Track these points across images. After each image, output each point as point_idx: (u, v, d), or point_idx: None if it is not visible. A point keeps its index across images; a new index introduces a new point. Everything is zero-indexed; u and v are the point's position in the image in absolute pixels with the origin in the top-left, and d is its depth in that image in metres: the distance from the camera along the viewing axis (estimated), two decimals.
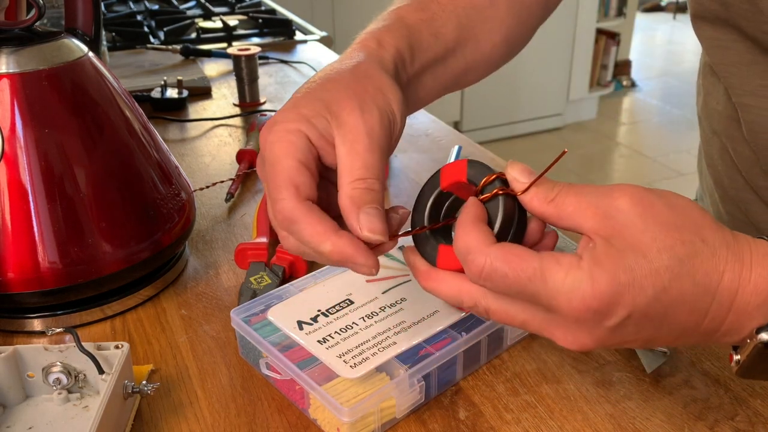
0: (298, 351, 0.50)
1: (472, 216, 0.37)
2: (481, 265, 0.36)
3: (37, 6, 0.58)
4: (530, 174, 0.38)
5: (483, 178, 0.39)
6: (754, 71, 0.55)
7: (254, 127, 0.96)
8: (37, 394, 0.51)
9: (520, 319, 0.38)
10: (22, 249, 0.55)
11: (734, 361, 0.37)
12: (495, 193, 0.38)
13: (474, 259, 0.36)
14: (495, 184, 0.39)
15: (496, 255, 0.35)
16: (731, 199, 0.65)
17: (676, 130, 3.69)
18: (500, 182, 0.39)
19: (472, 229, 0.37)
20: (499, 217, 0.38)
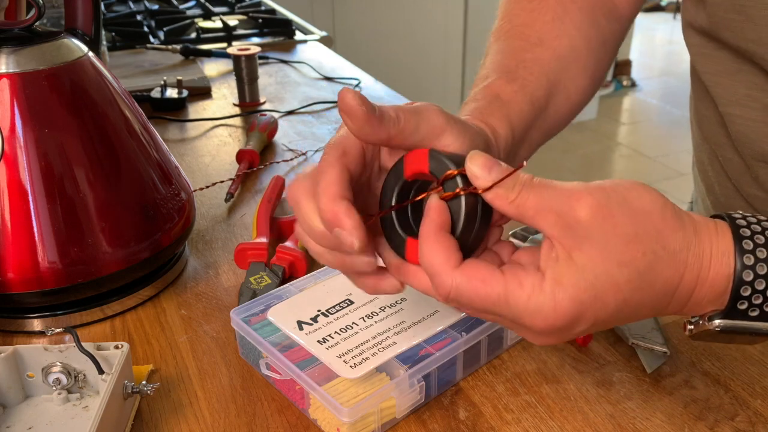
0: (298, 351, 0.50)
1: (435, 224, 0.37)
2: (447, 289, 0.36)
3: (37, 6, 0.58)
4: (491, 168, 0.37)
5: (442, 171, 0.38)
6: (739, 81, 0.55)
7: (254, 127, 0.96)
8: (37, 394, 0.51)
9: (490, 318, 0.39)
10: (22, 249, 0.55)
11: (687, 329, 0.40)
12: (456, 193, 0.37)
13: (440, 282, 0.36)
14: (456, 181, 0.38)
15: (461, 280, 0.36)
16: (722, 206, 0.65)
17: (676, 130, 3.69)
18: (461, 179, 0.38)
19: (435, 244, 0.36)
20: (461, 220, 0.37)
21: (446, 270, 0.36)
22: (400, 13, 3.07)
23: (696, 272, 0.36)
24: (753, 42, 0.52)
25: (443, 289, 0.36)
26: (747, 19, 0.51)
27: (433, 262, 0.36)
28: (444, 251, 0.36)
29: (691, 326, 0.39)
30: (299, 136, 1.01)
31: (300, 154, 0.94)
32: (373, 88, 1.21)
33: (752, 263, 0.36)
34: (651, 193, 0.37)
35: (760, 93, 0.53)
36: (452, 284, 0.36)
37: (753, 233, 0.37)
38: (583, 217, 0.35)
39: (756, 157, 0.56)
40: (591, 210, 0.35)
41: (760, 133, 0.55)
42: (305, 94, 1.18)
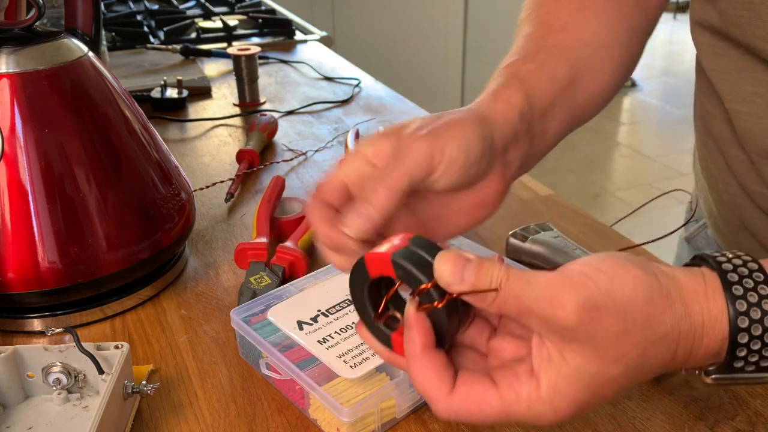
0: (298, 351, 0.50)
1: (419, 344, 0.36)
2: (446, 415, 0.36)
3: (37, 6, 0.58)
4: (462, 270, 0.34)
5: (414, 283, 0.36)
6: (746, 78, 0.55)
7: (254, 126, 0.96)
8: (37, 394, 0.51)
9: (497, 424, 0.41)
10: (22, 249, 0.55)
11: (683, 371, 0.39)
12: (434, 306, 0.35)
13: (437, 410, 0.36)
14: (431, 294, 0.35)
15: (458, 407, 0.36)
16: (725, 204, 0.65)
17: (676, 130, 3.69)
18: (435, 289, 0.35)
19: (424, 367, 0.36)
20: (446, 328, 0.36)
21: (441, 398, 0.36)
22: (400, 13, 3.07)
23: (689, 345, 0.36)
24: (760, 39, 0.52)
25: (442, 415, 0.36)
26: (755, 16, 0.51)
27: (427, 390, 0.36)
28: (435, 375, 0.36)
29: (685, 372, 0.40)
30: (299, 136, 1.01)
31: (300, 154, 0.94)
32: (373, 88, 1.21)
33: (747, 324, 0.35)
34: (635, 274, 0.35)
35: (767, 90, 0.54)
36: (450, 411, 0.36)
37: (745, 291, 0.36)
38: (569, 323, 0.34)
39: (761, 154, 0.56)
40: (576, 315, 0.33)
41: (766, 129, 0.55)
42: (305, 94, 1.18)
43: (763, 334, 0.35)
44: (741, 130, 0.57)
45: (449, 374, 0.36)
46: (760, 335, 0.35)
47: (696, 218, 0.76)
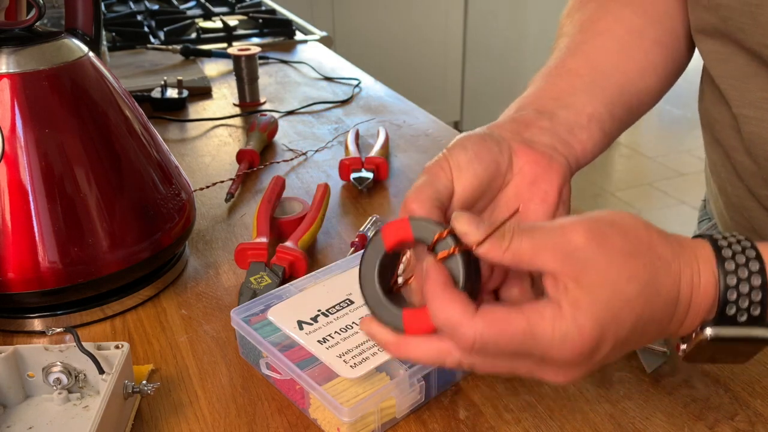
0: (298, 351, 0.50)
1: (440, 283, 0.36)
2: (471, 339, 0.35)
3: (37, 6, 0.58)
4: (477, 224, 0.37)
5: (431, 235, 0.38)
6: (754, 83, 0.55)
7: (254, 127, 0.96)
8: (37, 393, 0.51)
9: (507, 368, 0.39)
10: (22, 249, 0.56)
11: (681, 350, 0.41)
12: (452, 252, 0.37)
13: (463, 334, 0.35)
14: (448, 241, 0.37)
15: (483, 326, 0.35)
16: (734, 207, 0.65)
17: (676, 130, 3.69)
18: (452, 239, 0.37)
19: (447, 300, 0.36)
20: (462, 277, 0.37)
21: (466, 320, 0.35)
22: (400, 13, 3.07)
23: (689, 279, 0.38)
24: (764, 46, 0.52)
25: (467, 340, 0.35)
26: (756, 24, 0.51)
27: (449, 316, 0.36)
28: (459, 303, 0.36)
29: (684, 345, 0.40)
30: (299, 136, 1.01)
31: (300, 154, 0.94)
32: (373, 88, 1.21)
33: (734, 268, 0.37)
34: (631, 215, 0.38)
35: None
36: (476, 332, 0.35)
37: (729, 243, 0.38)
38: (580, 243, 0.36)
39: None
40: (585, 236, 0.36)
41: None
42: (305, 94, 1.18)
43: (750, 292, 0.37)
44: (749, 134, 0.57)
45: (472, 304, 0.36)
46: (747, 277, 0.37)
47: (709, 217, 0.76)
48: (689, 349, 0.40)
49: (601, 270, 0.36)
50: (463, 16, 3.19)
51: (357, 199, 0.82)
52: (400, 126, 1.04)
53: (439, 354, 0.38)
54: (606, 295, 0.36)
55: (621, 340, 0.37)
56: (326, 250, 0.72)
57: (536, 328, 0.35)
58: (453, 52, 3.25)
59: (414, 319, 0.38)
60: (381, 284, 0.39)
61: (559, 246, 0.36)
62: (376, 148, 0.90)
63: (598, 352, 0.37)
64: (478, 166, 0.43)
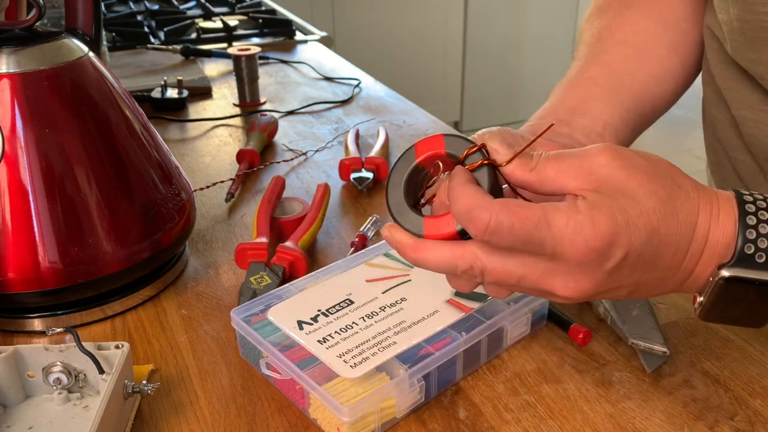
0: (298, 351, 0.50)
1: (463, 179, 0.38)
2: (487, 220, 0.36)
3: (37, 6, 0.58)
4: (509, 146, 0.39)
5: (463, 150, 0.39)
6: (753, 86, 0.55)
7: (254, 127, 0.96)
8: (37, 393, 0.51)
9: (518, 274, 0.38)
10: (22, 249, 0.56)
11: (697, 302, 0.40)
12: (480, 163, 0.38)
13: (478, 215, 0.36)
14: (477, 155, 0.39)
15: (500, 208, 0.36)
16: None
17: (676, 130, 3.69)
18: (482, 154, 0.39)
19: (468, 189, 0.37)
20: (487, 185, 0.38)
21: (484, 203, 0.36)
22: (400, 13, 3.07)
23: (708, 212, 0.38)
24: (753, 62, 0.53)
25: (482, 221, 0.36)
26: (747, 41, 0.52)
27: (468, 200, 0.37)
28: (478, 191, 0.37)
29: (701, 297, 0.40)
30: (299, 136, 1.01)
31: (300, 154, 0.94)
32: (373, 88, 1.21)
33: (754, 210, 0.38)
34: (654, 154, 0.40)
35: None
36: (491, 213, 0.36)
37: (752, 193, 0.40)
38: (603, 161, 0.37)
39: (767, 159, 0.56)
40: (609, 156, 0.37)
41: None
42: (305, 94, 1.18)
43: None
44: (748, 136, 0.57)
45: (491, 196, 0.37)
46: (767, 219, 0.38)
47: None
48: (706, 298, 0.39)
49: (621, 182, 0.37)
50: (463, 16, 3.19)
51: (357, 199, 0.82)
52: (400, 126, 1.04)
53: (452, 257, 0.39)
54: (624, 201, 0.36)
55: (635, 251, 0.37)
56: (326, 250, 0.72)
57: (551, 216, 0.36)
58: (453, 52, 3.25)
59: (433, 224, 0.39)
60: (406, 195, 0.41)
61: (584, 165, 0.37)
62: (376, 148, 0.90)
63: (611, 256, 0.36)
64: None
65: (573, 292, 0.38)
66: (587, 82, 0.56)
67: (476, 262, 0.38)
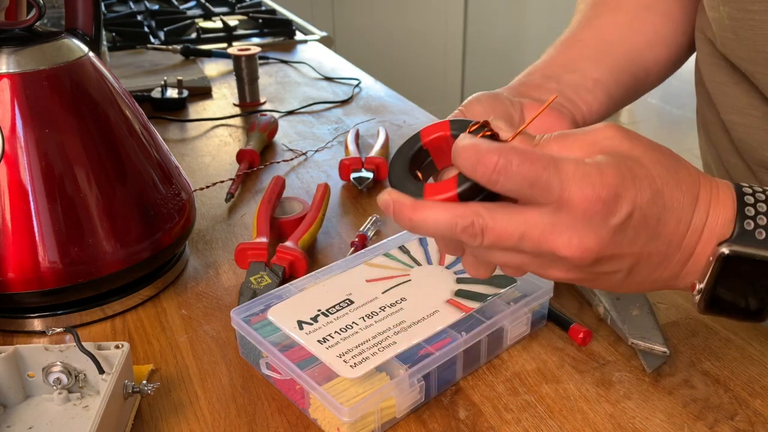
0: (298, 351, 0.50)
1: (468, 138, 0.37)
2: (496, 159, 0.35)
3: (37, 6, 0.58)
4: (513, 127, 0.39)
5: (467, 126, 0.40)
6: (741, 90, 0.55)
7: (254, 126, 0.96)
8: (37, 393, 0.51)
9: (520, 231, 0.37)
10: (22, 249, 0.56)
11: (697, 289, 0.40)
12: (484, 134, 0.38)
13: (487, 155, 0.35)
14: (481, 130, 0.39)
15: (509, 150, 0.35)
16: None
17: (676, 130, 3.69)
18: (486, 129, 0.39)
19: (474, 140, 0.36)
20: None
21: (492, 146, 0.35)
22: (400, 13, 3.07)
23: (709, 187, 0.39)
24: (744, 60, 0.53)
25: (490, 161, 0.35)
26: (738, 39, 0.52)
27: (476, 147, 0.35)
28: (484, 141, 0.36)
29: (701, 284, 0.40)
30: (299, 136, 1.01)
31: (300, 154, 0.94)
32: (373, 88, 1.21)
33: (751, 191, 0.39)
34: None
35: (761, 102, 0.54)
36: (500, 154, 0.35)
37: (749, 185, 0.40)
38: (608, 134, 0.38)
39: (758, 163, 0.56)
40: (613, 130, 0.38)
41: (761, 140, 0.55)
42: (305, 94, 1.18)
43: None
44: (737, 140, 0.57)
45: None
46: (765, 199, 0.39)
47: None
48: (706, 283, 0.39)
49: (626, 150, 0.38)
50: (463, 16, 3.19)
51: (357, 199, 0.82)
52: (400, 126, 1.04)
53: (453, 215, 0.37)
54: (630, 162, 0.37)
55: (640, 210, 0.36)
56: (326, 250, 0.72)
57: (560, 161, 0.36)
58: (453, 52, 3.25)
59: (434, 187, 0.38)
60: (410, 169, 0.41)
61: (587, 140, 0.38)
62: (376, 148, 0.90)
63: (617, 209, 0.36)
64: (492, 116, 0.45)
65: (576, 250, 0.36)
66: (578, 44, 0.57)
67: (477, 218, 0.36)
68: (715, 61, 0.57)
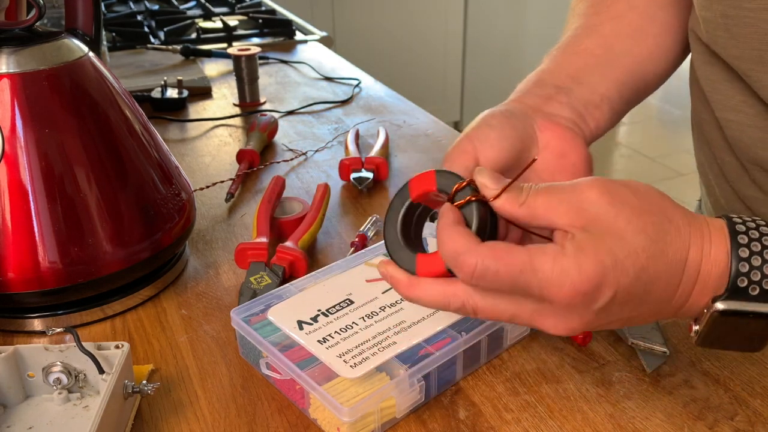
0: (298, 351, 0.50)
1: (451, 220, 0.38)
2: (473, 265, 0.36)
3: (37, 6, 0.58)
4: (499, 180, 0.39)
5: (453, 186, 0.40)
6: (735, 88, 0.55)
7: (254, 127, 0.96)
8: (37, 393, 0.51)
9: (509, 313, 0.39)
10: (22, 249, 0.56)
11: (693, 330, 0.40)
12: (468, 199, 0.39)
13: (465, 260, 0.37)
14: (467, 191, 0.39)
15: (486, 253, 0.36)
16: (722, 208, 0.65)
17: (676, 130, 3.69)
18: (471, 189, 0.39)
19: (455, 231, 0.38)
20: (475, 222, 0.38)
21: (470, 247, 0.36)
22: (400, 13, 3.07)
23: (699, 246, 0.38)
24: (736, 58, 0.53)
25: (468, 266, 0.36)
26: (731, 37, 0.52)
27: (455, 244, 0.37)
28: (464, 235, 0.37)
29: (696, 325, 0.40)
30: (299, 136, 1.01)
31: (300, 154, 0.94)
32: (373, 88, 1.21)
33: (746, 242, 0.38)
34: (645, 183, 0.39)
35: (754, 100, 0.54)
36: (477, 258, 0.36)
37: (744, 221, 0.39)
38: (593, 198, 0.37)
39: (751, 161, 0.56)
40: (599, 191, 0.37)
41: (754, 138, 0.55)
42: (305, 94, 1.18)
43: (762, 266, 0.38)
44: (731, 138, 0.57)
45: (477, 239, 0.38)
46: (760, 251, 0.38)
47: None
48: (702, 327, 0.39)
49: (609, 220, 0.37)
50: (463, 16, 3.19)
51: (357, 199, 0.82)
52: (400, 126, 1.04)
53: (444, 295, 0.39)
54: (611, 241, 0.36)
55: (623, 290, 0.37)
56: (326, 250, 0.72)
57: (536, 260, 0.36)
58: (453, 52, 3.25)
59: (426, 261, 0.40)
60: (402, 231, 0.42)
61: (573, 201, 0.37)
62: (376, 148, 0.90)
63: (599, 297, 0.36)
64: (505, 143, 0.45)
65: (563, 330, 0.39)
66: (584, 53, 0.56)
67: (468, 300, 0.38)
68: (708, 59, 0.57)
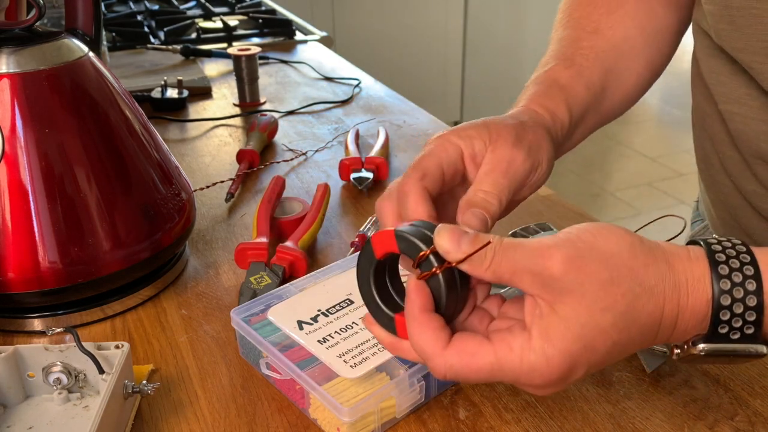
0: (298, 351, 0.50)
1: (418, 305, 0.38)
2: (442, 370, 0.37)
3: (37, 6, 0.58)
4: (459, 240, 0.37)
5: (415, 252, 0.38)
6: (739, 80, 0.55)
7: (254, 127, 0.96)
8: (37, 393, 0.51)
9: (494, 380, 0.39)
10: (22, 249, 0.56)
11: (675, 353, 0.40)
12: (433, 272, 0.38)
13: (434, 366, 0.38)
14: (430, 260, 0.38)
15: (453, 360, 0.37)
16: (722, 204, 0.65)
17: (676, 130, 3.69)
18: (435, 257, 0.38)
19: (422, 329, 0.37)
20: (443, 296, 0.38)
21: (437, 353, 0.37)
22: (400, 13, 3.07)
23: (675, 302, 0.37)
24: (741, 51, 0.53)
25: (438, 371, 0.38)
26: (735, 29, 0.52)
27: (423, 347, 0.38)
28: (432, 333, 0.37)
29: (678, 350, 0.40)
30: (299, 136, 1.01)
31: (300, 154, 0.94)
32: (373, 88, 1.21)
33: (729, 288, 0.36)
34: (617, 233, 0.38)
35: (758, 92, 0.54)
36: (445, 365, 0.37)
37: (728, 257, 0.37)
38: (556, 273, 0.36)
39: (754, 155, 0.57)
40: (563, 265, 0.36)
41: (758, 131, 0.55)
42: (305, 94, 1.18)
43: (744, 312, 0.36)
44: (735, 131, 0.57)
45: (446, 333, 0.38)
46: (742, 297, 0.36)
47: (701, 218, 0.76)
48: (683, 356, 0.39)
49: (576, 301, 0.36)
50: (463, 16, 3.19)
51: (357, 199, 0.82)
52: (400, 126, 1.04)
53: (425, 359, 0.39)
54: (578, 325, 0.36)
55: (595, 364, 0.37)
56: (326, 250, 0.72)
57: (503, 361, 0.36)
58: (453, 52, 3.25)
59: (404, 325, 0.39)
60: (377, 285, 0.41)
61: (537, 273, 0.36)
62: (376, 148, 0.90)
63: (570, 377, 0.37)
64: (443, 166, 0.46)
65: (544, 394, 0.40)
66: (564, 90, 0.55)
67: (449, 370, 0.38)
68: (713, 52, 0.57)
